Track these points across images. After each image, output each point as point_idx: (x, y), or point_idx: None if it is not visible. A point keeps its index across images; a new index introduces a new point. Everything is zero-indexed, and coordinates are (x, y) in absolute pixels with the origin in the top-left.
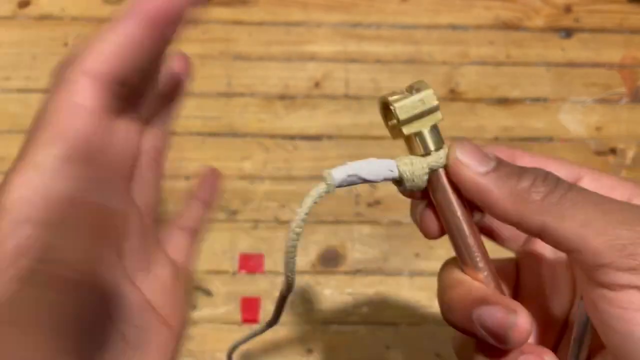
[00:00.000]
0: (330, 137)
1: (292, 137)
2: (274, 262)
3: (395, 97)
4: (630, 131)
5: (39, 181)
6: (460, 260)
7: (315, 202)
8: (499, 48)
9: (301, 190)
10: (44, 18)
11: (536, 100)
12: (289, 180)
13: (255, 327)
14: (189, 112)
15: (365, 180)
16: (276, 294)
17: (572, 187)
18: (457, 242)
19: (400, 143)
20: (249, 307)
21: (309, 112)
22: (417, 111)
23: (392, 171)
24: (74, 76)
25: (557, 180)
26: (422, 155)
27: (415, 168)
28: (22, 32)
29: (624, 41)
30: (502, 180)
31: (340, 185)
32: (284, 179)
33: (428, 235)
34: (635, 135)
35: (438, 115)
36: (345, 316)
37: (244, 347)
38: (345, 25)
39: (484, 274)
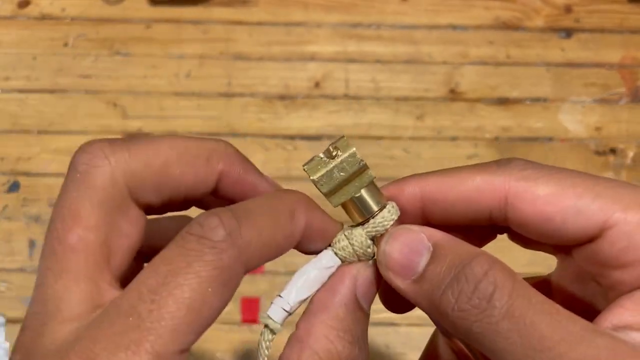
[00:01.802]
0: (330, 137)
1: (292, 137)
2: (274, 262)
3: (313, 164)
4: (630, 131)
5: None
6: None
7: (267, 352)
8: (498, 48)
9: (301, 190)
10: (44, 18)
11: (536, 100)
12: (289, 180)
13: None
14: (189, 112)
15: (312, 293)
16: (276, 294)
17: (507, 314)
18: None
19: (401, 143)
20: (249, 307)
21: (309, 112)
22: (341, 177)
23: (332, 265)
24: None
25: (492, 293)
26: (361, 223)
27: (355, 244)
28: (22, 32)
29: (623, 41)
30: (425, 295)
31: (284, 321)
32: (284, 179)
33: (389, 309)
34: (635, 135)
35: (369, 174)
36: None
37: (244, 348)
38: (345, 25)
39: None
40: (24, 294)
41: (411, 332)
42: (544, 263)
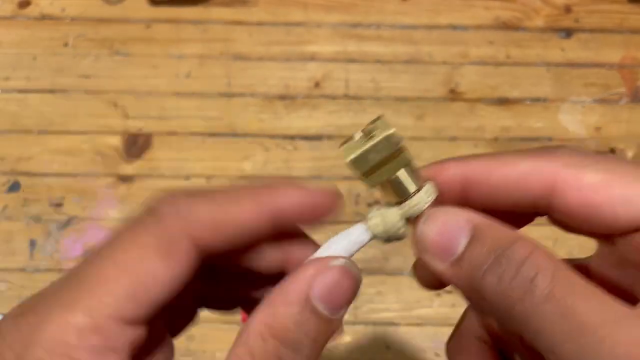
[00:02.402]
0: (330, 137)
1: (292, 137)
2: None
3: (349, 145)
4: (630, 131)
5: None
6: None
7: None
8: (498, 48)
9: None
10: (44, 18)
11: (536, 100)
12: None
13: None
14: (189, 112)
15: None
16: None
17: (550, 296)
18: None
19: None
20: None
21: (309, 112)
22: (377, 159)
23: (362, 240)
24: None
25: (534, 276)
26: (397, 203)
27: (388, 223)
28: (22, 32)
29: (623, 41)
30: (464, 277)
31: None
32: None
33: (424, 286)
34: (635, 135)
35: (406, 156)
36: (345, 316)
37: None
38: (345, 25)
39: None
40: (24, 294)
41: (411, 332)
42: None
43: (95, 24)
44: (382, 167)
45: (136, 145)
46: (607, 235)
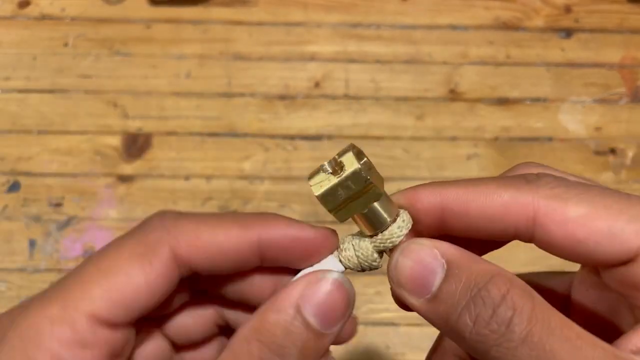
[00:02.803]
0: (330, 137)
1: (292, 137)
2: None
3: (318, 178)
4: (630, 131)
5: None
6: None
7: None
8: (498, 48)
9: (301, 190)
10: (44, 18)
11: (536, 100)
12: (289, 180)
13: None
14: (189, 112)
15: None
16: None
17: (527, 339)
18: None
19: (401, 143)
20: None
21: (309, 112)
22: (345, 195)
23: (334, 271)
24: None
25: (511, 318)
26: (370, 235)
27: (361, 256)
28: (22, 32)
29: (623, 41)
30: (440, 315)
31: None
32: (284, 179)
33: (401, 307)
34: (635, 135)
35: (375, 191)
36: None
37: None
38: (345, 25)
39: None
40: (24, 294)
41: (411, 332)
42: (545, 263)
43: (95, 24)
44: (353, 201)
45: (136, 145)
46: (591, 266)
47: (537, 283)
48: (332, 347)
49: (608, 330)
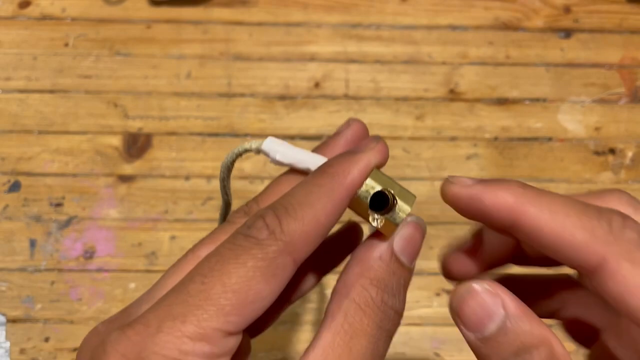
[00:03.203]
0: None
1: (292, 137)
2: None
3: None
4: (629, 131)
5: None
6: None
7: (241, 151)
8: (498, 48)
9: None
10: (44, 18)
11: (535, 100)
12: None
13: None
14: (189, 112)
15: (292, 163)
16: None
17: None
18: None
19: (401, 143)
20: None
21: (309, 112)
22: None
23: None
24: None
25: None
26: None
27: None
28: (23, 32)
29: (623, 41)
30: (485, 355)
31: (256, 149)
32: None
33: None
34: (635, 135)
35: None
36: None
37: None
38: (345, 25)
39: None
40: (24, 294)
41: (411, 332)
42: None
43: (96, 24)
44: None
45: (136, 145)
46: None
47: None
48: None
49: None
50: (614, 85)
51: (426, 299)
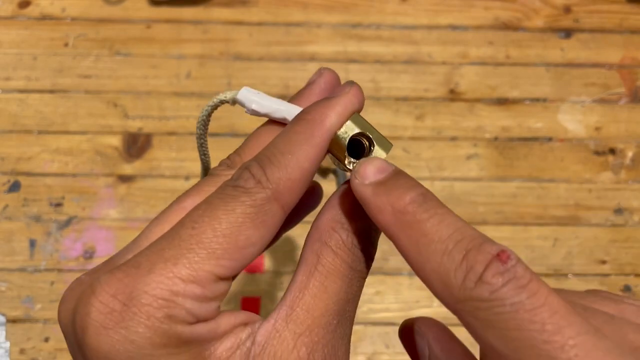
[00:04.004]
0: None
1: None
2: (274, 261)
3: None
4: (629, 131)
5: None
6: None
7: (217, 103)
8: (498, 48)
9: None
10: (44, 18)
11: (535, 100)
12: None
13: None
14: (189, 112)
15: (269, 112)
16: (276, 293)
17: None
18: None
19: (401, 143)
20: (249, 306)
21: None
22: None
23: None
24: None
25: None
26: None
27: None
28: (23, 32)
29: (623, 41)
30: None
31: (231, 100)
32: None
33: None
34: (635, 135)
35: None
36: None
37: None
38: (345, 25)
39: None
40: (24, 294)
41: None
42: (545, 262)
43: (96, 24)
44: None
45: (136, 145)
46: None
47: None
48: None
49: None
50: (614, 85)
51: (426, 299)
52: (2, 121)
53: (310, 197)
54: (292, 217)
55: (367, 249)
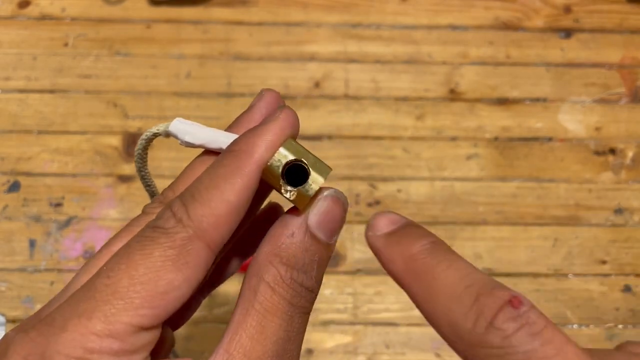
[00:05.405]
0: (330, 137)
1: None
2: None
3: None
4: (629, 131)
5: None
6: None
7: (150, 136)
8: (498, 48)
9: None
10: (44, 18)
11: (536, 100)
12: None
13: None
14: (189, 112)
15: (199, 143)
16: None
17: None
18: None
19: (401, 143)
20: None
21: (309, 112)
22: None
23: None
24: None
25: None
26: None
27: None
28: (22, 32)
29: (623, 41)
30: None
31: (163, 132)
32: None
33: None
34: (635, 135)
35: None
36: (345, 316)
37: None
38: (345, 25)
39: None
40: (24, 294)
41: (411, 332)
42: (545, 262)
43: (96, 24)
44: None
45: (136, 145)
46: None
47: None
48: (332, 348)
49: None
50: (614, 85)
51: None
52: (2, 121)
53: (268, 223)
54: (251, 249)
55: (307, 284)
